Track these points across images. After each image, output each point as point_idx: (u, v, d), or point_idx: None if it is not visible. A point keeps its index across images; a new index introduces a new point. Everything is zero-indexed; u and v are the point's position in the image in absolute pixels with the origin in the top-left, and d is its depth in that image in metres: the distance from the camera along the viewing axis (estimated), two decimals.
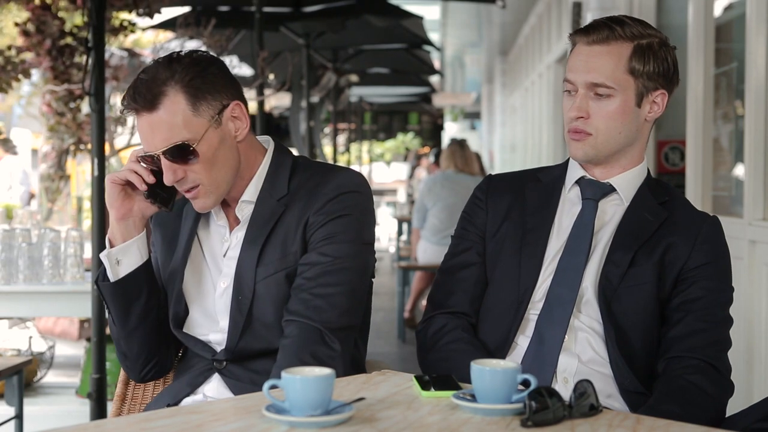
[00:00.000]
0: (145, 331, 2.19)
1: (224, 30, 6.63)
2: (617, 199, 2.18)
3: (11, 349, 5.46)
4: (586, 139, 2.13)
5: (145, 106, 2.02)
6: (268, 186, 2.14)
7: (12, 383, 3.57)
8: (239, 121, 2.11)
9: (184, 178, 2.06)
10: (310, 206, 2.10)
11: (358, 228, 2.12)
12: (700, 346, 2.05)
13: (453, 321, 2.19)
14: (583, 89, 2.11)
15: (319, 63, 10.91)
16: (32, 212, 4.98)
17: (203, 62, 2.08)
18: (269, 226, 2.11)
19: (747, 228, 4.12)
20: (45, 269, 3.91)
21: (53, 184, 7.37)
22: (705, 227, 2.14)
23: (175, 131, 2.02)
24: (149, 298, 2.18)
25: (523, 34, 13.50)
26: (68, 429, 1.55)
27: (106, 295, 2.18)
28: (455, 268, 2.25)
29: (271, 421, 1.55)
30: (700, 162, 4.89)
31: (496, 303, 2.18)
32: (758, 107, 4.07)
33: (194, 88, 2.03)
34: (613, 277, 2.09)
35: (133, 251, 2.16)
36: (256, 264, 2.10)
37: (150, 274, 2.19)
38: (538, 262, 2.15)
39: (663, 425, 1.60)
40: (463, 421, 1.58)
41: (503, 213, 2.23)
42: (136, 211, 2.15)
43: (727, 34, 4.99)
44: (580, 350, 2.08)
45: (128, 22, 5.99)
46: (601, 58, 2.10)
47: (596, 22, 2.15)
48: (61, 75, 6.34)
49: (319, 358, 2.03)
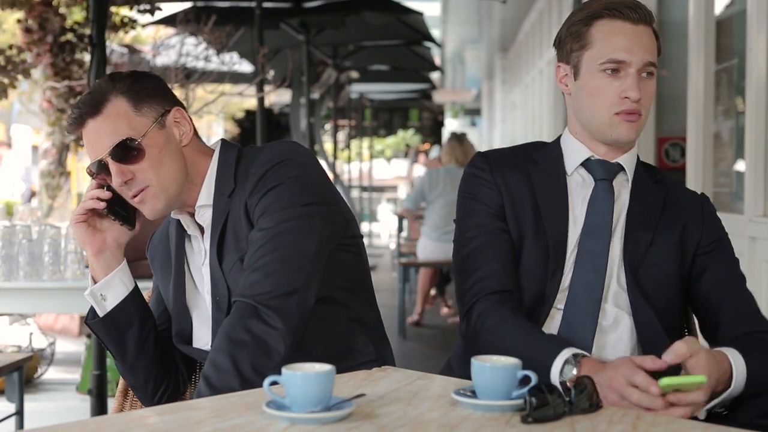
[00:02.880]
0: (146, 359, 2.18)
1: (224, 26, 6.63)
2: (623, 178, 2.18)
3: (12, 345, 5.46)
4: (638, 120, 2.11)
5: (89, 112, 2.06)
6: (219, 185, 2.13)
7: (12, 380, 3.57)
8: (182, 126, 2.13)
9: (132, 179, 2.05)
10: (246, 190, 2.07)
11: (292, 194, 2.04)
12: (754, 319, 2.10)
13: (492, 305, 2.06)
14: (635, 69, 2.07)
15: (320, 59, 10.92)
16: (33, 209, 4.98)
17: (141, 75, 2.14)
18: (221, 220, 2.10)
19: (747, 224, 4.12)
20: (45, 266, 3.90)
21: (54, 180, 7.38)
22: (704, 204, 2.21)
23: (119, 131, 2.04)
24: (142, 325, 2.17)
25: (524, 30, 13.50)
26: (69, 425, 1.55)
27: (98, 332, 2.18)
28: (477, 249, 2.13)
29: (271, 417, 1.55)
30: (700, 158, 4.89)
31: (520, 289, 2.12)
32: (759, 103, 4.07)
33: (135, 92, 2.08)
34: (637, 256, 2.10)
35: (116, 283, 2.15)
36: (219, 260, 2.10)
37: (139, 302, 2.18)
38: (561, 256, 2.10)
39: (663, 421, 1.60)
40: (463, 417, 1.58)
41: (514, 191, 2.15)
42: (110, 241, 2.15)
43: (728, 30, 4.99)
44: (607, 340, 2.07)
45: (129, 18, 5.99)
46: (649, 38, 2.10)
47: (623, 1, 2.11)
48: (62, 71, 6.34)
49: (254, 334, 1.93)
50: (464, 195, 2.21)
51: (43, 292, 3.81)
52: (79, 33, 6.16)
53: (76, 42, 6.21)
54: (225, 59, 6.80)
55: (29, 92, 9.58)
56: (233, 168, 2.13)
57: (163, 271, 2.25)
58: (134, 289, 2.18)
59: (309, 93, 9.26)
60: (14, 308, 4.48)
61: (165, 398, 2.22)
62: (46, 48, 6.11)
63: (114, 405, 2.35)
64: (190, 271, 2.21)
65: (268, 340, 1.93)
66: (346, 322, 2.16)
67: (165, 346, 2.22)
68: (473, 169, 2.20)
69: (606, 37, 2.09)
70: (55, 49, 6.18)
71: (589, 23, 2.11)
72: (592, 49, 2.11)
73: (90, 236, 2.13)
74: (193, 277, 2.21)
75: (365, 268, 2.25)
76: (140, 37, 10.94)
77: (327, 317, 2.12)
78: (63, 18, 6.16)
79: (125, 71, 2.15)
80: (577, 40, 2.13)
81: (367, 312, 2.23)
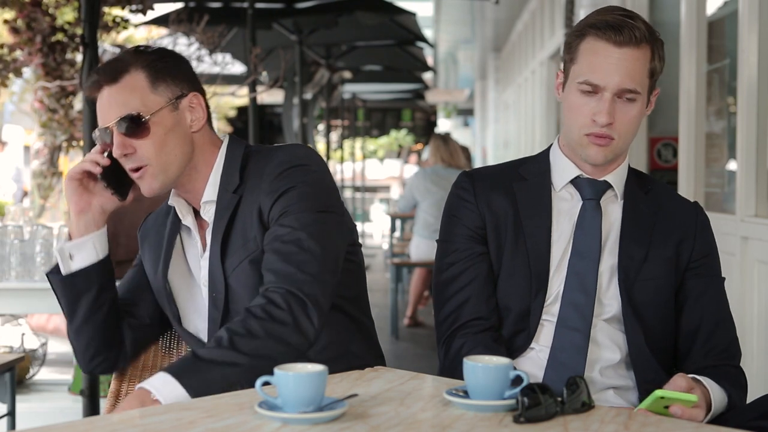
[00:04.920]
0: (93, 327, 2.18)
1: (217, 27, 6.62)
2: (612, 195, 2.16)
3: (3, 346, 5.44)
4: (609, 144, 2.06)
5: (106, 80, 2.09)
6: (224, 181, 2.14)
7: (4, 380, 3.56)
8: (196, 112, 2.14)
9: (133, 154, 2.08)
10: (259, 189, 2.07)
11: (308, 199, 2.05)
12: (724, 350, 2.12)
13: (471, 337, 2.10)
14: (610, 93, 2.02)
15: (312, 60, 10.91)
16: (24, 209, 4.96)
17: (167, 53, 2.17)
18: (226, 217, 2.10)
19: (739, 224, 4.13)
20: (37, 266, 3.89)
21: (45, 180, 7.35)
22: (699, 216, 2.19)
23: (130, 104, 2.07)
24: (99, 294, 2.16)
25: (516, 30, 13.51)
26: (61, 426, 1.54)
27: (55, 287, 2.19)
28: (454, 276, 2.15)
29: (263, 418, 1.55)
30: (692, 158, 4.90)
31: (503, 310, 2.14)
32: (750, 104, 4.08)
33: (155, 69, 2.10)
34: (630, 273, 2.09)
35: (88, 247, 2.15)
36: (221, 259, 2.10)
37: (104, 272, 2.17)
38: (545, 269, 2.10)
39: (654, 421, 1.60)
40: (455, 417, 1.58)
41: (497, 213, 2.14)
42: (95, 205, 2.15)
43: (720, 31, 5.00)
44: (599, 355, 2.08)
45: (121, 18, 5.98)
46: (634, 63, 2.02)
47: (615, 18, 2.03)
48: (53, 72, 6.32)
49: (298, 321, 1.92)
50: (447, 215, 2.21)
51: (35, 292, 3.79)
52: (71, 33, 6.14)
53: (68, 42, 6.20)
54: (217, 59, 6.79)
55: (21, 92, 9.55)
56: (239, 164, 2.14)
57: (151, 255, 2.25)
58: (104, 260, 2.17)
59: (302, 93, 9.25)
60: (6, 309, 4.46)
61: (99, 368, 2.24)
62: (37, 47, 6.10)
63: (106, 406, 2.34)
64: (186, 260, 2.22)
65: (309, 327, 1.93)
66: (344, 326, 2.18)
67: (116, 321, 2.22)
68: (458, 189, 2.20)
69: (587, 56, 2.05)
70: (46, 49, 6.17)
71: (581, 37, 2.07)
72: (576, 65, 2.07)
73: (78, 194, 2.15)
74: (190, 266, 2.21)
75: (363, 276, 2.27)
76: (133, 38, 10.92)
77: (327, 321, 2.13)
78: (53, 18, 6.14)
79: (154, 48, 2.17)
80: (569, 51, 2.10)
81: (364, 318, 2.25)
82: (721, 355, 2.11)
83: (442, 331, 2.17)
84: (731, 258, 4.13)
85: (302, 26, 8.62)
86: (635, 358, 2.07)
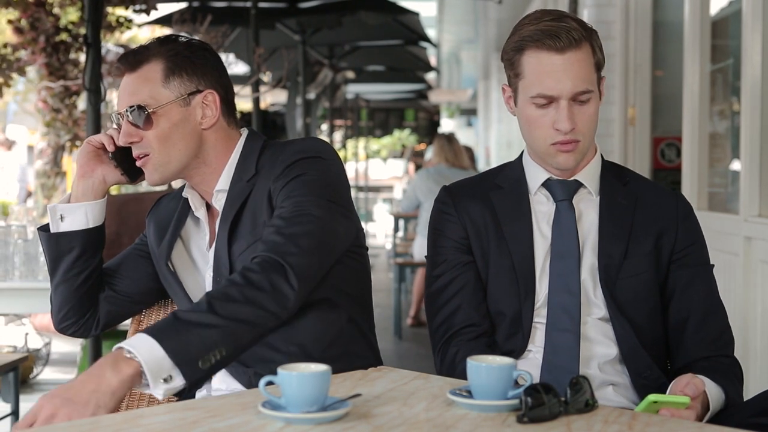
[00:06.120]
0: (69, 289, 2.22)
1: (220, 26, 6.63)
2: (587, 192, 2.16)
3: (7, 345, 5.46)
4: (576, 147, 2.07)
5: (127, 67, 2.14)
6: (239, 170, 2.15)
7: (8, 380, 3.57)
8: (209, 110, 2.14)
9: (138, 142, 2.12)
10: (272, 175, 2.08)
11: (317, 187, 2.05)
12: (716, 339, 2.12)
13: (465, 344, 2.11)
14: (566, 100, 2.03)
15: (316, 60, 10.92)
16: (28, 209, 4.97)
17: (195, 47, 2.17)
18: (238, 204, 2.11)
19: (743, 224, 4.12)
20: (41, 266, 3.89)
21: (49, 180, 7.36)
22: (679, 205, 2.17)
23: (140, 94, 2.10)
24: (78, 259, 2.20)
25: None
26: (64, 425, 1.55)
27: (42, 240, 2.24)
28: (444, 286, 2.18)
29: (266, 418, 1.55)
30: (695, 158, 4.90)
31: (497, 315, 2.15)
32: (754, 104, 4.07)
33: (174, 62, 2.12)
34: (612, 270, 2.09)
35: (79, 214, 2.19)
36: (229, 243, 2.10)
37: (92, 241, 2.21)
38: (530, 271, 2.11)
39: (658, 421, 1.60)
40: (459, 417, 1.58)
41: (477, 221, 2.17)
42: (99, 174, 2.20)
43: (723, 31, 4.99)
44: (595, 352, 2.08)
45: (124, 18, 5.99)
46: (580, 64, 2.02)
47: (549, 26, 2.02)
48: (57, 72, 6.34)
49: (275, 286, 1.90)
50: (432, 231, 2.24)
51: (39, 292, 3.80)
52: (74, 33, 6.15)
53: (71, 42, 6.21)
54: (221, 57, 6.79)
55: (25, 92, 9.57)
56: (257, 156, 2.15)
57: (156, 239, 2.27)
58: (95, 230, 2.21)
59: (305, 93, 9.26)
60: (10, 308, 4.47)
61: (69, 330, 2.28)
62: (40, 47, 6.11)
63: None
64: (191, 251, 2.23)
65: (288, 295, 1.90)
66: (346, 325, 2.18)
67: (95, 290, 2.26)
68: (439, 204, 2.24)
69: (533, 69, 2.05)
70: (49, 49, 6.17)
71: (520, 52, 2.07)
72: (524, 80, 2.08)
73: (87, 159, 2.21)
74: (193, 256, 2.23)
75: (368, 279, 2.28)
76: (136, 38, 10.93)
77: (330, 319, 2.13)
78: (56, 18, 6.15)
79: (184, 38, 2.19)
80: (511, 67, 2.10)
81: (366, 320, 2.25)
82: (713, 345, 2.11)
83: (436, 340, 2.19)
84: (735, 258, 4.13)
85: (305, 26, 8.63)
86: (627, 355, 2.08)
